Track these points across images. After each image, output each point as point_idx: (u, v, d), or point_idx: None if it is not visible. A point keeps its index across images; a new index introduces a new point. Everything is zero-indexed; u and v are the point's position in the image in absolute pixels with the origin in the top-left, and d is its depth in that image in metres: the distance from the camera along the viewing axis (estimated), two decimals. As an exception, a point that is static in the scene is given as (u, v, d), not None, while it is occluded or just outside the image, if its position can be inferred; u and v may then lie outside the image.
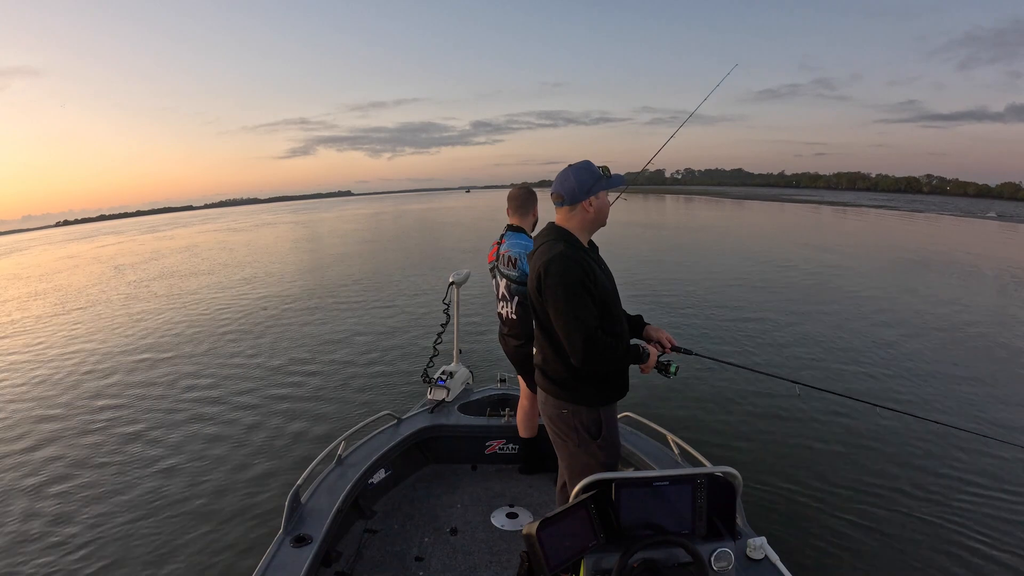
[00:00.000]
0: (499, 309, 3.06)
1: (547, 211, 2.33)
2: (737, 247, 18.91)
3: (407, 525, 2.87)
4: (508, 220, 3.01)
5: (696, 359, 2.31)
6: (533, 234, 2.89)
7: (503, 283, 2.96)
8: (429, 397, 3.65)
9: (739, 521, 1.87)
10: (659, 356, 2.07)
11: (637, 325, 2.23)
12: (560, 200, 2.03)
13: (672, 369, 2.05)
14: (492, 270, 3.05)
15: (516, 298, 2.91)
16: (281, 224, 50.29)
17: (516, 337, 2.96)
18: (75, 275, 21.07)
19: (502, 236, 2.98)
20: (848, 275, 12.96)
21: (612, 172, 2.03)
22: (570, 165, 2.03)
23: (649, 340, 2.19)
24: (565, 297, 1.87)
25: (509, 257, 2.88)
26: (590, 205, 2.00)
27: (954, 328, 8.35)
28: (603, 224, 2.09)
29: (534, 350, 2.18)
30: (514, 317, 2.95)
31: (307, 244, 27.88)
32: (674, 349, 2.18)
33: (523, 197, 2.96)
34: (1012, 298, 10.81)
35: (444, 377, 3.71)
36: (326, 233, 35.06)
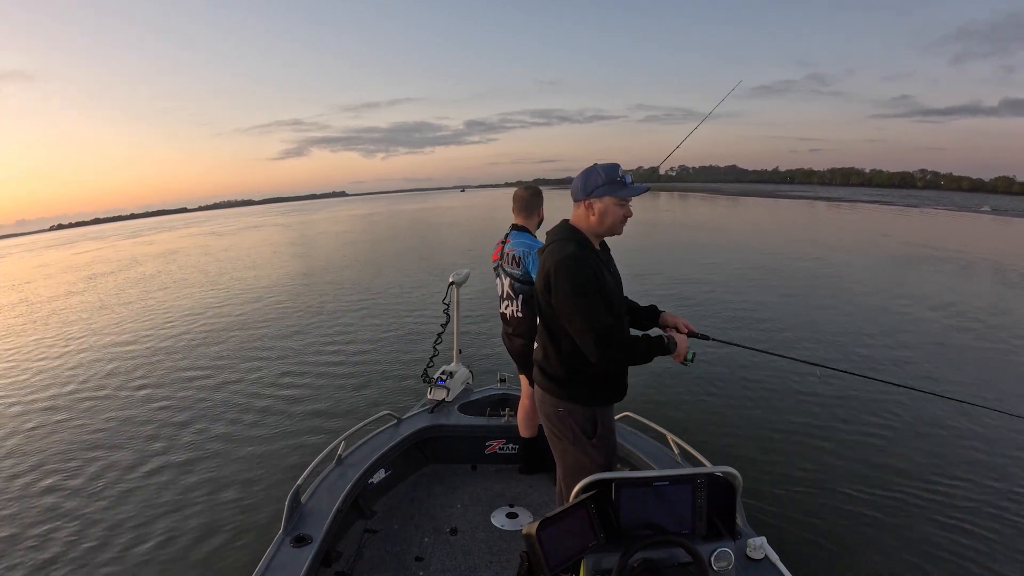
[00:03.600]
0: (502, 308, 3.07)
1: (558, 210, 2.31)
2: (738, 242, 18.93)
3: (407, 525, 2.87)
4: (513, 219, 3.03)
5: (713, 345, 2.28)
6: (544, 231, 2.91)
7: (507, 282, 2.98)
8: (429, 397, 3.65)
9: (739, 521, 1.87)
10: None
11: (652, 314, 2.21)
12: (572, 196, 2.02)
13: (689, 356, 2.00)
14: (496, 269, 3.07)
15: (520, 296, 2.93)
16: (267, 227, 49.33)
17: (521, 336, 2.98)
18: (46, 284, 20.46)
19: (507, 235, 3.00)
20: (851, 266, 13.02)
21: (633, 182, 1.93)
22: (595, 164, 1.99)
23: (666, 326, 2.16)
24: (576, 297, 1.86)
25: (514, 256, 2.91)
26: (591, 207, 1.96)
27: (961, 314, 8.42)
28: (612, 232, 2.01)
29: (535, 346, 2.18)
30: (519, 316, 2.97)
31: (296, 248, 27.33)
32: (691, 335, 2.12)
33: (527, 198, 2.98)
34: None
35: (444, 377, 3.71)
36: (316, 235, 34.60)
